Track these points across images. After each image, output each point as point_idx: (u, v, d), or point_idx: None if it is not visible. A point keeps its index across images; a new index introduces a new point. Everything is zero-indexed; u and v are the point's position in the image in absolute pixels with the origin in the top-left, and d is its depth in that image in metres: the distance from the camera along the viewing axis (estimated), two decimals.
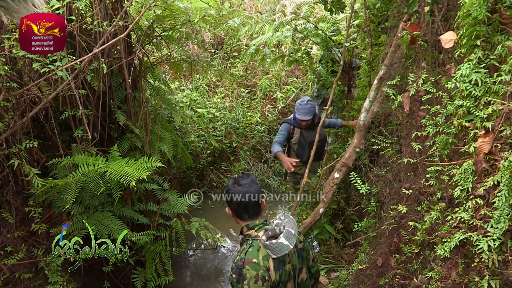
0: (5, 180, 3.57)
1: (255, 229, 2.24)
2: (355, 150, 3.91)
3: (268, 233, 2.18)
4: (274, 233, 2.19)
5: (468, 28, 2.50)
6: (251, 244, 2.19)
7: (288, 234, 2.19)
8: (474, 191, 2.43)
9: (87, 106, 3.97)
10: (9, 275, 3.25)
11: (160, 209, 4.65)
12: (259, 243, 2.18)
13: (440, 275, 2.59)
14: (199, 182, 6.79)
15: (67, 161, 3.64)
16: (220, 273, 5.18)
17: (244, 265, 2.11)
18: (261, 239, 2.16)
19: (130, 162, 3.68)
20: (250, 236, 2.23)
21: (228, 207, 2.34)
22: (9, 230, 3.47)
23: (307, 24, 5.21)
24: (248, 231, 2.25)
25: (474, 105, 2.50)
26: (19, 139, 3.58)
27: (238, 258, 2.17)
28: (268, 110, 8.15)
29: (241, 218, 2.30)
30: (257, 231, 2.23)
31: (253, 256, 2.13)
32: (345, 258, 4.50)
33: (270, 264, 2.14)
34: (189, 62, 5.29)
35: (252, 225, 2.26)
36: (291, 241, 2.17)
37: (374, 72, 4.14)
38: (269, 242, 2.13)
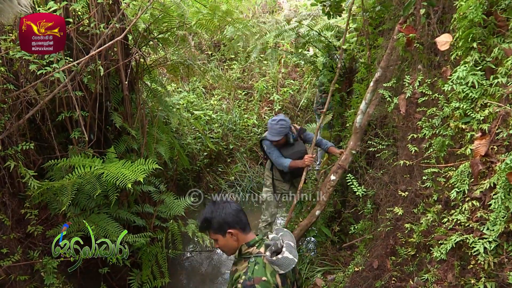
0: (1, 182, 3.56)
1: (255, 246, 2.16)
2: (351, 152, 3.92)
3: (272, 248, 2.08)
4: (276, 248, 2.10)
5: (464, 31, 2.51)
6: (255, 261, 2.08)
7: (289, 247, 2.13)
8: (471, 193, 2.43)
9: (83, 108, 3.97)
10: (5, 277, 3.24)
11: (156, 211, 4.65)
12: (264, 260, 2.08)
13: (436, 277, 2.59)
14: (195, 184, 6.79)
15: (64, 163, 3.64)
16: (217, 275, 5.18)
17: (254, 285, 2.00)
18: (266, 256, 2.06)
19: (126, 164, 3.68)
20: (251, 253, 2.13)
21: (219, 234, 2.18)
22: (4, 232, 3.45)
23: (310, 32, 5.21)
24: (249, 249, 2.15)
25: (471, 107, 2.51)
26: (15, 140, 3.57)
27: (245, 278, 2.04)
28: (265, 112, 8.16)
29: (244, 229, 2.19)
30: (258, 247, 2.15)
31: (262, 274, 2.03)
32: (341, 261, 4.49)
33: (278, 281, 2.06)
34: (186, 65, 5.29)
35: (253, 242, 2.17)
36: (294, 254, 2.11)
37: (372, 75, 4.15)
38: (276, 258, 2.05)
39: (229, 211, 2.16)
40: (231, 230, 2.16)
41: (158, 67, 5.50)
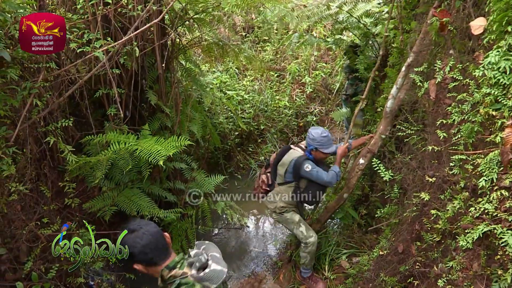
0: (42, 156, 3.73)
1: (177, 267, 1.93)
2: (381, 136, 3.91)
3: (196, 265, 1.91)
4: (201, 263, 1.92)
5: (499, 14, 2.41)
6: (178, 284, 1.87)
7: (215, 258, 1.97)
8: (499, 182, 2.38)
9: (120, 85, 4.07)
10: (46, 243, 3.41)
11: (187, 187, 4.77)
12: (190, 279, 1.88)
13: (461, 266, 2.57)
14: (226, 162, 6.88)
15: (100, 138, 3.76)
16: (244, 251, 5.30)
17: None
18: (191, 275, 1.88)
19: (160, 141, 3.78)
20: (175, 276, 1.90)
21: (135, 264, 1.96)
22: (45, 203, 3.63)
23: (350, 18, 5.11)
24: (170, 273, 1.92)
25: (502, 94, 2.43)
26: (55, 117, 3.72)
27: None
28: (296, 94, 8.14)
29: (157, 263, 1.95)
30: (180, 268, 1.93)
31: None
32: (367, 244, 4.52)
33: None
34: (220, 46, 5.33)
35: (173, 264, 1.94)
36: (222, 264, 1.97)
37: (404, 59, 4.09)
38: (203, 273, 1.88)
39: (139, 247, 1.91)
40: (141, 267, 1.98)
41: (193, 47, 5.56)
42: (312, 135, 3.94)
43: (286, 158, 4.07)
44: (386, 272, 3.42)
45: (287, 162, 4.03)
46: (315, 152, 4.00)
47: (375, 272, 3.61)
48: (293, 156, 4.02)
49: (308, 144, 4.01)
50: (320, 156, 4.02)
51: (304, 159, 3.95)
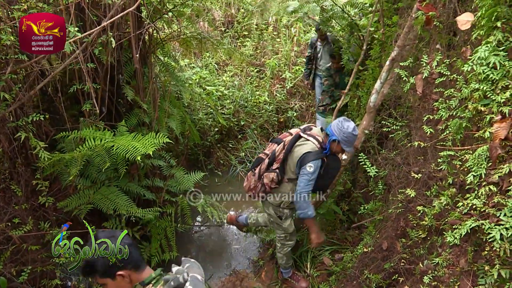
0: (14, 153, 3.58)
1: (152, 284, 1.86)
2: (364, 132, 3.87)
3: (171, 283, 1.80)
4: (177, 283, 1.81)
5: (488, 9, 2.41)
6: None
7: (194, 281, 1.84)
8: (488, 177, 2.36)
9: (95, 80, 3.94)
10: (18, 244, 3.30)
11: (166, 185, 4.67)
12: None
13: (447, 262, 2.56)
14: (206, 159, 6.79)
15: (74, 135, 3.64)
16: (225, 249, 5.22)
17: None
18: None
19: (137, 137, 3.67)
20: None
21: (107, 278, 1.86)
22: (17, 202, 3.49)
23: (334, 7, 5.02)
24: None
25: (491, 89, 2.42)
26: (27, 112, 3.56)
27: None
28: (277, 90, 8.08)
29: (138, 268, 1.89)
30: (154, 285, 1.85)
31: None
32: (349, 240, 4.50)
33: None
34: (199, 40, 5.22)
35: (148, 280, 1.87)
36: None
37: (385, 53, 4.05)
38: None
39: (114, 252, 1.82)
40: (121, 272, 1.85)
41: (172, 42, 5.43)
42: (344, 127, 3.42)
43: (298, 150, 3.60)
44: (370, 269, 3.40)
45: (299, 155, 3.58)
46: (336, 145, 3.52)
47: (359, 270, 3.59)
48: (306, 150, 3.56)
49: (332, 133, 3.48)
50: (337, 150, 3.58)
51: (314, 159, 3.49)
